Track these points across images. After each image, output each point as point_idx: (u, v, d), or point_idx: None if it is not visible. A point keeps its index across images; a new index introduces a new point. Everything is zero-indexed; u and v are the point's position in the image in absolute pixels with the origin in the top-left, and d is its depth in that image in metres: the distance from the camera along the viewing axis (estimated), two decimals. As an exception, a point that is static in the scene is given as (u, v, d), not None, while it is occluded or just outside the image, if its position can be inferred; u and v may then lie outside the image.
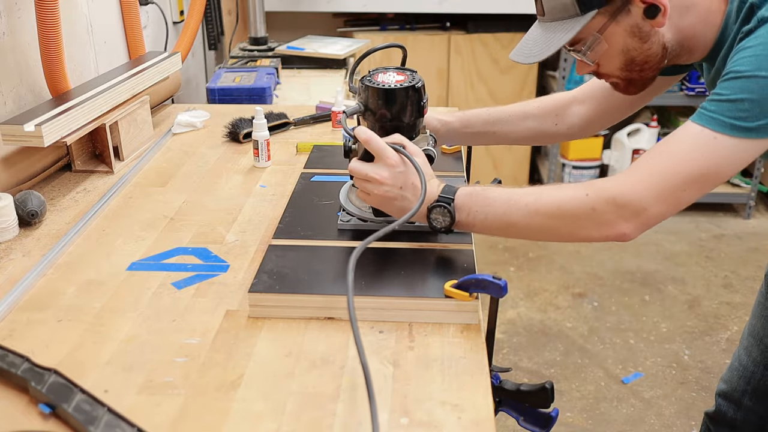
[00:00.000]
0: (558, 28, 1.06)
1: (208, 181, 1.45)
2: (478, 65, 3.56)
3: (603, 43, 1.06)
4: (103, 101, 1.49)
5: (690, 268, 3.10)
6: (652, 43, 1.06)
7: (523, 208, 1.02)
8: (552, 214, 1.01)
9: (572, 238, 1.03)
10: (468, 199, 1.04)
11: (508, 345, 2.59)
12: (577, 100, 1.36)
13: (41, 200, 1.26)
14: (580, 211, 0.99)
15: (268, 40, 2.80)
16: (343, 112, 1.12)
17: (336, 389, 0.83)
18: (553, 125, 1.37)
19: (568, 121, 1.36)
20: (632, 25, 1.04)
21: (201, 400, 0.82)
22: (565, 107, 1.37)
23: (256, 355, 0.90)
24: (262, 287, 0.98)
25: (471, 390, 0.83)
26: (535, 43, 1.09)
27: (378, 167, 1.05)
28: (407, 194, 1.05)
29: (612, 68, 1.11)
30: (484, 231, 1.06)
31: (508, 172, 3.76)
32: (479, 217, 1.04)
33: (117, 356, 0.90)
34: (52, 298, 1.04)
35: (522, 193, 1.03)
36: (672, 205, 0.98)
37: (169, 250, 1.17)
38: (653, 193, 0.97)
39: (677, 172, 0.96)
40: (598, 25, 1.05)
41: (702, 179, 0.96)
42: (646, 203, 0.97)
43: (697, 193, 0.98)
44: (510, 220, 1.02)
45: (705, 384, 2.39)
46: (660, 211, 0.98)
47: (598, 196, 0.99)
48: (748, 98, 0.93)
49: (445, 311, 0.95)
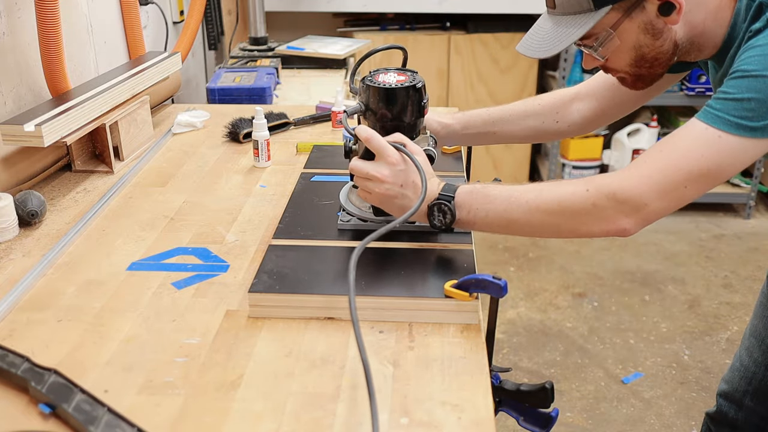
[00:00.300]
0: (570, 23, 1.04)
1: (208, 181, 1.45)
2: (478, 65, 3.56)
3: (615, 39, 1.05)
4: (103, 101, 1.49)
5: (690, 268, 3.10)
6: (664, 40, 1.05)
7: (524, 205, 1.02)
8: (552, 211, 1.00)
9: (573, 233, 1.03)
10: (468, 196, 1.04)
11: (508, 345, 2.59)
12: (578, 97, 1.36)
13: (41, 200, 1.26)
14: (581, 207, 0.99)
15: (268, 40, 2.80)
16: (344, 112, 1.12)
17: (336, 389, 0.83)
18: (554, 123, 1.37)
19: (570, 119, 1.36)
20: (646, 22, 1.03)
21: (201, 400, 0.82)
22: (566, 104, 1.36)
23: (256, 355, 0.90)
24: (262, 287, 0.98)
25: (471, 390, 0.83)
26: (544, 37, 1.07)
27: (379, 165, 1.04)
28: (408, 192, 1.05)
29: (621, 64, 1.11)
30: (485, 228, 1.06)
31: (508, 172, 3.76)
32: (480, 214, 1.04)
33: (117, 356, 0.90)
34: (52, 298, 1.04)
35: (522, 190, 1.03)
36: (673, 202, 0.98)
37: (169, 250, 1.16)
38: (654, 188, 0.97)
39: (679, 169, 0.96)
40: (612, 20, 1.03)
41: (704, 177, 0.96)
42: (647, 199, 0.97)
43: (698, 190, 0.97)
44: (511, 217, 1.02)
45: (705, 384, 2.39)
46: (661, 207, 0.98)
47: (598, 192, 0.98)
48: (754, 98, 0.93)
49: (445, 311, 0.95)
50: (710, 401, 2.29)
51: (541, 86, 3.68)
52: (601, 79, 1.33)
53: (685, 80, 3.37)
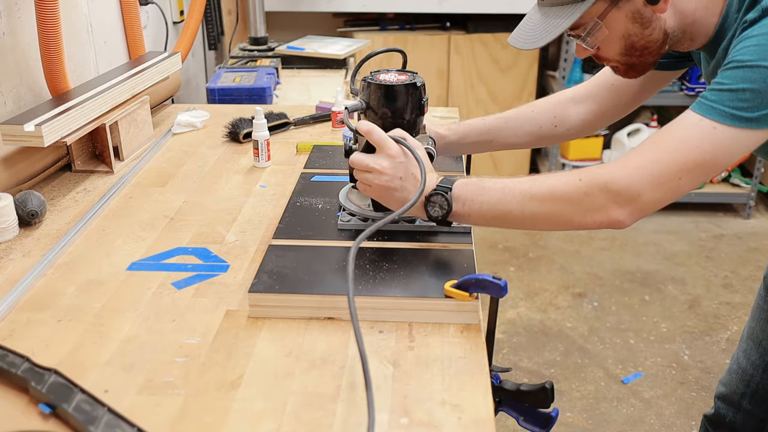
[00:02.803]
0: (558, 14, 1.05)
1: (208, 181, 1.45)
2: (478, 65, 3.56)
3: (603, 29, 1.06)
4: (103, 101, 1.49)
5: (690, 268, 3.10)
6: (653, 29, 1.05)
7: (517, 195, 1.02)
8: (545, 199, 1.00)
9: (567, 225, 1.02)
10: (464, 188, 1.04)
11: (508, 345, 2.59)
12: (575, 100, 1.36)
13: (41, 200, 1.26)
14: (573, 197, 0.99)
15: (268, 40, 2.80)
16: (345, 108, 1.13)
17: (336, 389, 0.83)
18: (552, 127, 1.36)
19: (568, 122, 1.36)
20: (633, 11, 1.03)
21: (201, 400, 0.82)
22: (562, 108, 1.36)
23: (256, 355, 0.90)
24: (262, 287, 0.98)
25: (471, 390, 0.83)
26: (533, 29, 1.08)
27: (379, 158, 1.05)
28: (407, 185, 1.05)
29: (612, 53, 1.11)
30: (481, 221, 1.06)
31: (508, 172, 3.76)
32: (474, 206, 1.04)
33: (117, 356, 0.90)
34: (52, 298, 1.04)
35: (516, 181, 1.03)
36: (668, 193, 0.97)
37: (169, 250, 1.17)
38: (648, 179, 0.96)
39: (673, 160, 0.96)
40: (599, 10, 1.04)
41: (699, 168, 0.96)
42: (640, 189, 0.97)
43: (693, 181, 0.97)
44: (505, 208, 1.02)
45: (705, 384, 2.39)
46: (655, 198, 0.97)
47: (591, 182, 0.98)
48: (749, 88, 0.92)
49: (445, 311, 0.95)
50: (710, 401, 2.29)
51: (541, 86, 3.68)
52: (598, 81, 1.33)
53: (685, 80, 3.37)
